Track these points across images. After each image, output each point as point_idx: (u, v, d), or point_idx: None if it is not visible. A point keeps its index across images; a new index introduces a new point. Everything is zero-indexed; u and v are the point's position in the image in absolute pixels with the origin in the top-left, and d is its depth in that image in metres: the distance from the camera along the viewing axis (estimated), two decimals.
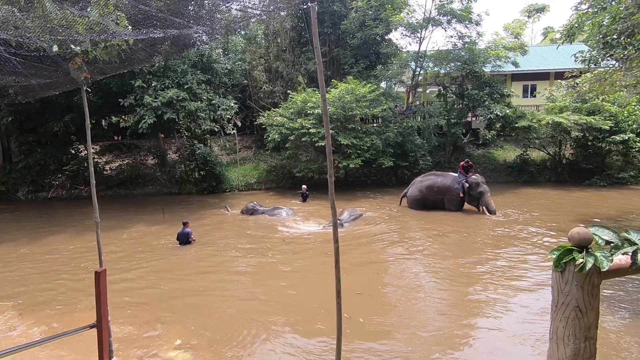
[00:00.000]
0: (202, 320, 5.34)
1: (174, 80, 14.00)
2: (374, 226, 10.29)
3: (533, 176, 17.35)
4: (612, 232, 1.85)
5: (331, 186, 2.22)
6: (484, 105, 17.03)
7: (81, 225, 11.21)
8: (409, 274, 7.09)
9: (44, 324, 5.33)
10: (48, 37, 1.88)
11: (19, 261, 8.33)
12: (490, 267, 7.12)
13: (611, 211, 11.43)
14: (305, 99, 15.58)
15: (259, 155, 20.04)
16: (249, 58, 19.72)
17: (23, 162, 16.42)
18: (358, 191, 15.85)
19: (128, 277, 7.05)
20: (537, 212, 11.26)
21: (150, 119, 13.37)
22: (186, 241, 8.89)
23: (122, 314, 5.40)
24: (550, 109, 16.77)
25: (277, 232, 9.97)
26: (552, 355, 1.81)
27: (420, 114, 18.47)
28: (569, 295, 1.75)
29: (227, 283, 6.80)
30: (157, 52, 3.30)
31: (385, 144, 16.02)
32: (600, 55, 10.07)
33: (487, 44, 18.53)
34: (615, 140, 15.48)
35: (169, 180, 17.70)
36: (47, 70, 2.37)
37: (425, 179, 12.36)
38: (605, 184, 15.57)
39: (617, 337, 4.60)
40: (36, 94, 2.88)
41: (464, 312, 5.45)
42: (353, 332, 4.75)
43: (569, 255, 1.75)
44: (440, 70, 18.53)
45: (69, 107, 14.84)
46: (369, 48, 18.89)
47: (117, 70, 2.70)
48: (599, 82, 11.09)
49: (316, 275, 6.93)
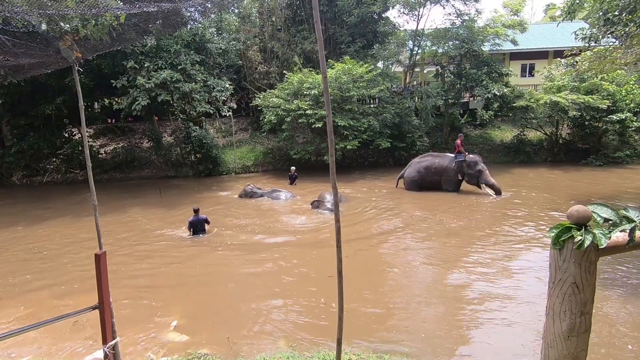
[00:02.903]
0: (201, 304, 5.43)
1: (167, 61, 13.70)
2: (369, 209, 10.34)
3: (530, 156, 17.41)
4: (611, 210, 1.86)
5: (332, 166, 2.20)
6: (482, 85, 16.87)
7: (79, 209, 11.18)
8: (401, 255, 7.19)
9: (46, 306, 5.39)
10: (36, 12, 1.80)
11: (18, 245, 8.35)
12: (486, 247, 7.22)
13: (607, 190, 11.55)
14: (301, 80, 15.34)
15: (255, 137, 19.88)
16: (243, 38, 19.26)
17: (16, 146, 16.18)
18: (355, 173, 15.86)
19: (126, 261, 7.10)
20: (534, 192, 11.35)
21: (144, 101, 13.15)
22: (202, 229, 8.17)
23: (122, 297, 5.47)
24: (549, 88, 16.65)
25: (275, 215, 10.00)
26: (548, 330, 1.85)
27: (418, 95, 18.28)
28: (567, 272, 1.77)
29: (226, 267, 6.86)
30: (149, 30, 3.20)
31: (382, 125, 15.91)
32: (601, 32, 9.93)
33: (486, 21, 18.17)
34: (612, 120, 15.48)
35: (165, 164, 17.58)
36: (38, 48, 2.29)
37: (423, 160, 12.36)
38: (601, 164, 15.67)
39: (609, 311, 4.72)
40: (27, 72, 2.80)
41: (460, 290, 5.56)
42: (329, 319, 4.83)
43: (568, 232, 1.76)
44: (438, 50, 18.23)
45: (61, 89, 14.54)
46: (366, 27, 18.49)
47: (109, 47, 2.62)
48: (598, 60, 10.99)
49: (314, 259, 7.00)
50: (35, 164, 16.93)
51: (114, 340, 2.79)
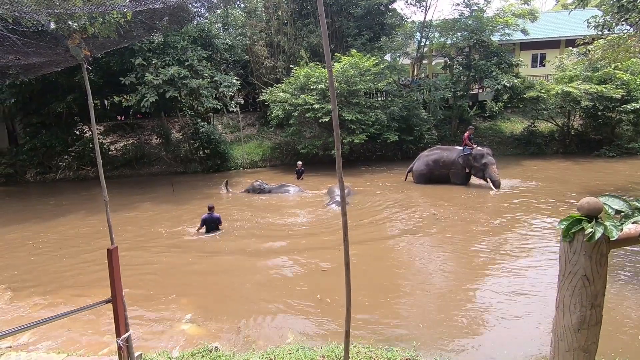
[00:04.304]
0: (213, 297, 5.51)
1: (174, 57, 13.77)
2: (377, 203, 10.32)
3: (540, 148, 17.14)
4: (623, 202, 1.83)
5: (339, 160, 2.20)
6: (491, 76, 16.60)
7: (90, 205, 11.39)
8: (412, 251, 7.17)
9: (61, 300, 5.52)
10: (45, 11, 1.83)
11: (32, 240, 8.54)
12: (494, 239, 7.16)
13: (620, 182, 11.32)
14: (308, 74, 15.29)
15: (263, 132, 19.93)
16: (249, 32, 19.23)
17: (29, 144, 16.51)
18: (363, 167, 15.82)
19: (140, 255, 7.22)
20: (545, 184, 11.19)
21: (152, 97, 13.26)
22: (215, 228, 8.00)
23: (134, 291, 5.57)
24: (560, 78, 16.32)
25: (284, 211, 10.04)
26: (558, 323, 1.84)
27: (426, 87, 18.07)
28: (577, 265, 1.75)
29: (236, 263, 6.92)
30: (156, 27, 3.22)
31: (390, 119, 15.80)
32: (615, 20, 9.67)
33: (496, 11, 17.83)
34: (626, 110, 15.11)
35: (174, 160, 17.76)
36: (47, 47, 2.33)
37: (431, 153, 12.27)
38: (615, 155, 15.35)
39: (619, 303, 4.66)
40: (38, 71, 2.85)
41: (469, 281, 5.53)
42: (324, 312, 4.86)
43: (578, 224, 1.74)
44: (446, 41, 17.98)
45: (71, 87, 14.74)
46: (372, 19, 18.30)
47: (117, 45, 2.65)
48: (612, 48, 10.71)
49: (324, 255, 7.01)
50: (47, 162, 17.26)
51: (127, 332, 2.86)
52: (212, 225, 8.02)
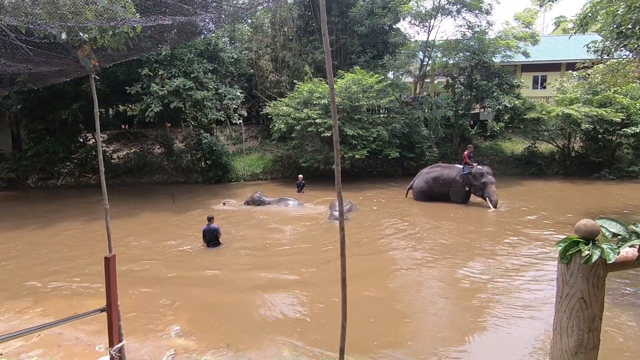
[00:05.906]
0: (205, 310, 5.44)
1: (180, 69, 13.98)
2: (377, 219, 10.30)
3: (541, 169, 17.18)
4: (620, 225, 1.84)
5: (338, 175, 2.22)
6: (492, 96, 16.79)
7: (90, 212, 11.37)
8: (408, 268, 7.12)
9: (54, 308, 5.46)
10: (57, 23, 1.88)
11: (31, 246, 8.51)
12: (493, 259, 7.11)
13: (620, 205, 11.31)
14: (311, 89, 15.48)
15: (265, 145, 20.04)
16: (255, 47, 19.57)
17: (32, 149, 16.60)
18: (364, 182, 15.84)
19: (136, 264, 7.17)
20: (544, 205, 11.17)
21: (157, 108, 13.41)
22: (214, 239, 7.85)
23: (130, 300, 5.52)
24: (561, 100, 16.48)
25: (283, 224, 10.01)
26: (555, 346, 1.82)
27: (428, 105, 18.26)
28: (574, 287, 1.75)
29: (232, 275, 6.87)
30: (164, 40, 3.30)
31: (391, 135, 15.91)
32: (614, 45, 9.85)
33: (497, 33, 18.16)
34: (626, 133, 15.21)
35: (175, 169, 17.82)
36: (57, 57, 2.38)
37: (432, 171, 12.30)
38: (615, 178, 15.37)
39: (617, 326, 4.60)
40: (46, 81, 2.91)
41: (465, 301, 5.47)
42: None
43: (575, 247, 1.74)
44: (448, 61, 18.26)
45: (77, 95, 14.91)
46: (376, 37, 18.63)
47: (125, 57, 2.71)
48: (611, 73, 10.87)
49: (320, 270, 6.96)
50: (50, 168, 17.32)
51: (120, 343, 2.82)
52: (211, 236, 7.88)
